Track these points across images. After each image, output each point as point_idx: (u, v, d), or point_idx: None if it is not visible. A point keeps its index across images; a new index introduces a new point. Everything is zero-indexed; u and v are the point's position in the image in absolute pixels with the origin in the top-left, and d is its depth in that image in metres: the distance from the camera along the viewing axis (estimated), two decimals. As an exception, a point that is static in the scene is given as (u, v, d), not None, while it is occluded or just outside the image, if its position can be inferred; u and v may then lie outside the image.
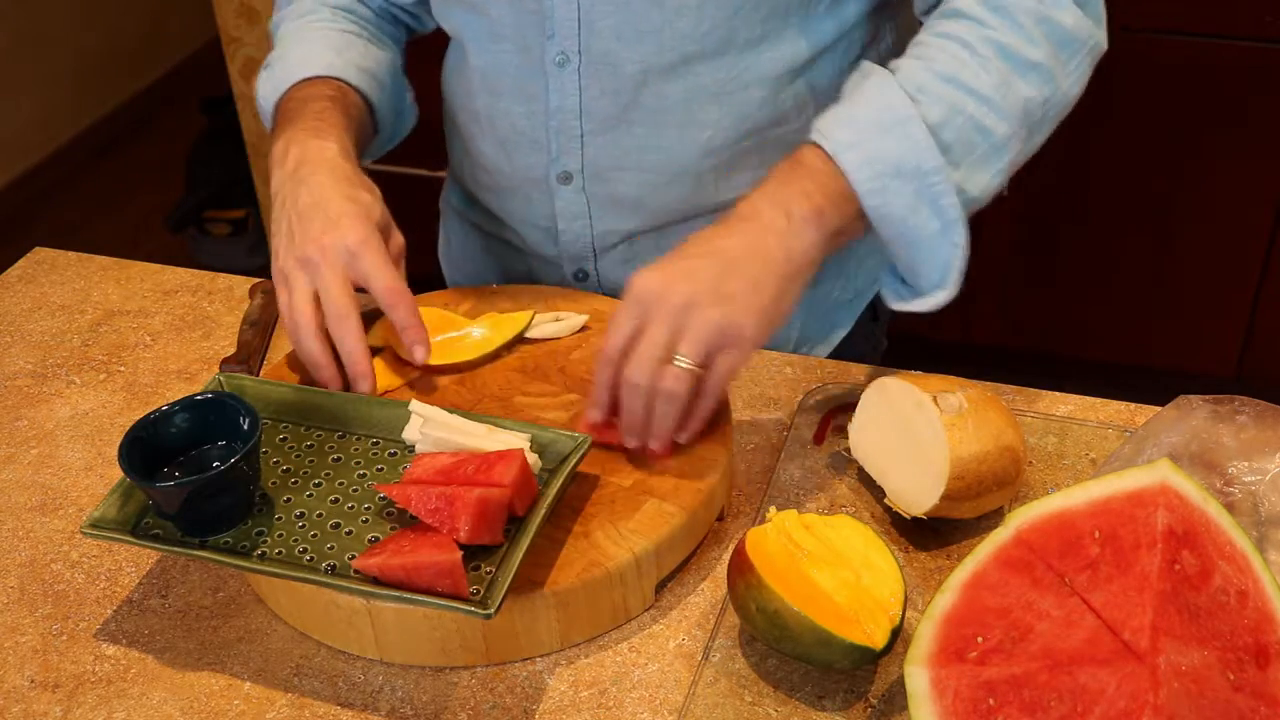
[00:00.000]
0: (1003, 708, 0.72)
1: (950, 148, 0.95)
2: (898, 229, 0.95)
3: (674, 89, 1.07)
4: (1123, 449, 0.90)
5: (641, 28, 1.04)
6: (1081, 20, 0.99)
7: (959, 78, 0.96)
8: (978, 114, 0.96)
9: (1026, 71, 0.97)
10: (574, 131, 1.11)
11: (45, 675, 0.88)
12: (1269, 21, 2.07)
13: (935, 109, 0.95)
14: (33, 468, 1.06)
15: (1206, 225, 2.28)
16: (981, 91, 0.96)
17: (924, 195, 0.94)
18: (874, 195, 0.94)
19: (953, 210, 0.95)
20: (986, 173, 0.97)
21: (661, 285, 0.90)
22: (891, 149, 0.93)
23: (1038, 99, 0.98)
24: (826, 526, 0.86)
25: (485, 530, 0.84)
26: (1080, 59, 1.00)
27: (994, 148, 0.97)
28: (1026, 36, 0.97)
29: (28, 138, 3.46)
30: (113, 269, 1.31)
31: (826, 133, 0.95)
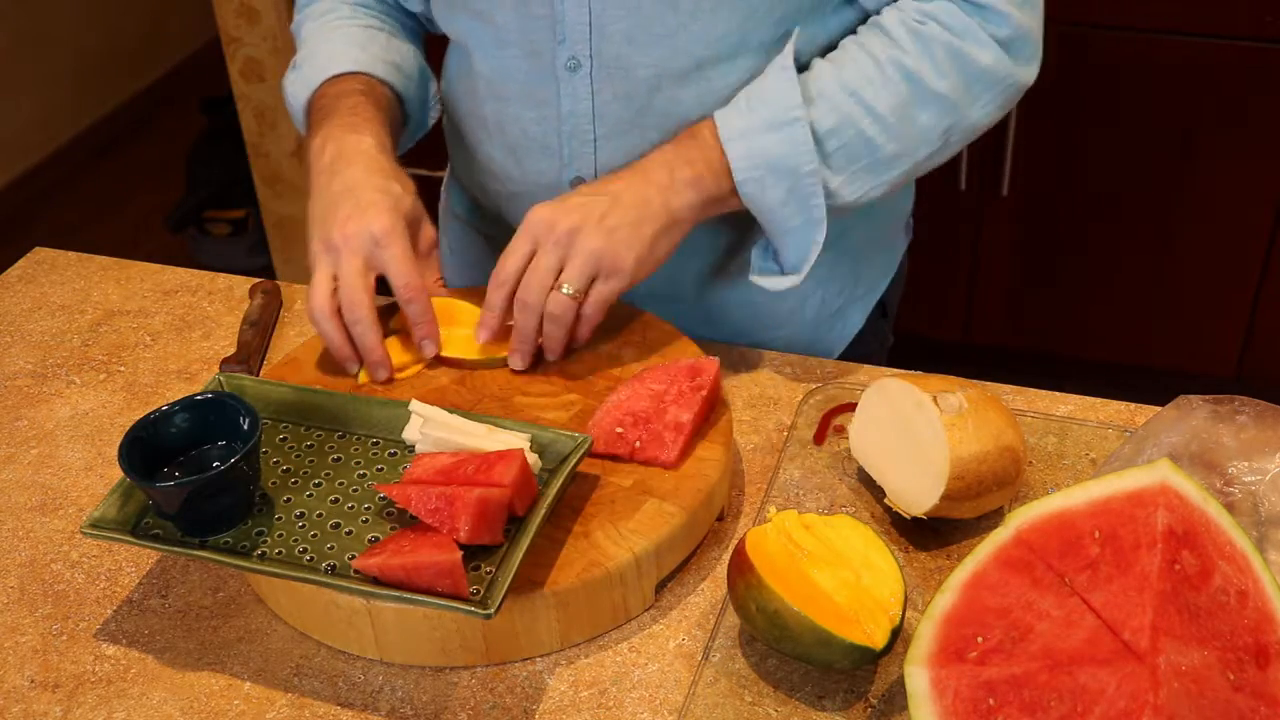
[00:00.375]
0: (1003, 708, 0.72)
1: (832, 155, 1.03)
2: (766, 215, 1.04)
3: (688, 94, 1.07)
4: (1123, 449, 0.90)
5: (655, 32, 1.04)
6: (1000, 60, 1.04)
7: (860, 93, 1.02)
8: (870, 130, 1.03)
9: (928, 100, 1.03)
10: (587, 136, 1.11)
11: (45, 675, 0.88)
12: (1269, 21, 2.07)
13: (829, 117, 1.02)
14: (33, 468, 1.06)
15: (1206, 225, 2.28)
16: (877, 110, 1.02)
17: (795, 193, 1.02)
18: (749, 184, 1.02)
19: (818, 211, 1.03)
20: (866, 184, 1.05)
21: (551, 216, 1.00)
22: (773, 147, 1.01)
23: (936, 127, 1.04)
24: (826, 526, 0.86)
25: (485, 530, 0.84)
26: (994, 94, 1.05)
27: (879, 162, 1.04)
28: (936, 68, 1.02)
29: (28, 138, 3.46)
30: (113, 269, 1.31)
31: (724, 115, 1.03)
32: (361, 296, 1.01)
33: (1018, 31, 1.03)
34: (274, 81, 2.63)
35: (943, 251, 2.44)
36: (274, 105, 2.66)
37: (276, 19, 2.57)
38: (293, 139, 2.69)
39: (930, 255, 2.44)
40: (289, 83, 1.19)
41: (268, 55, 2.61)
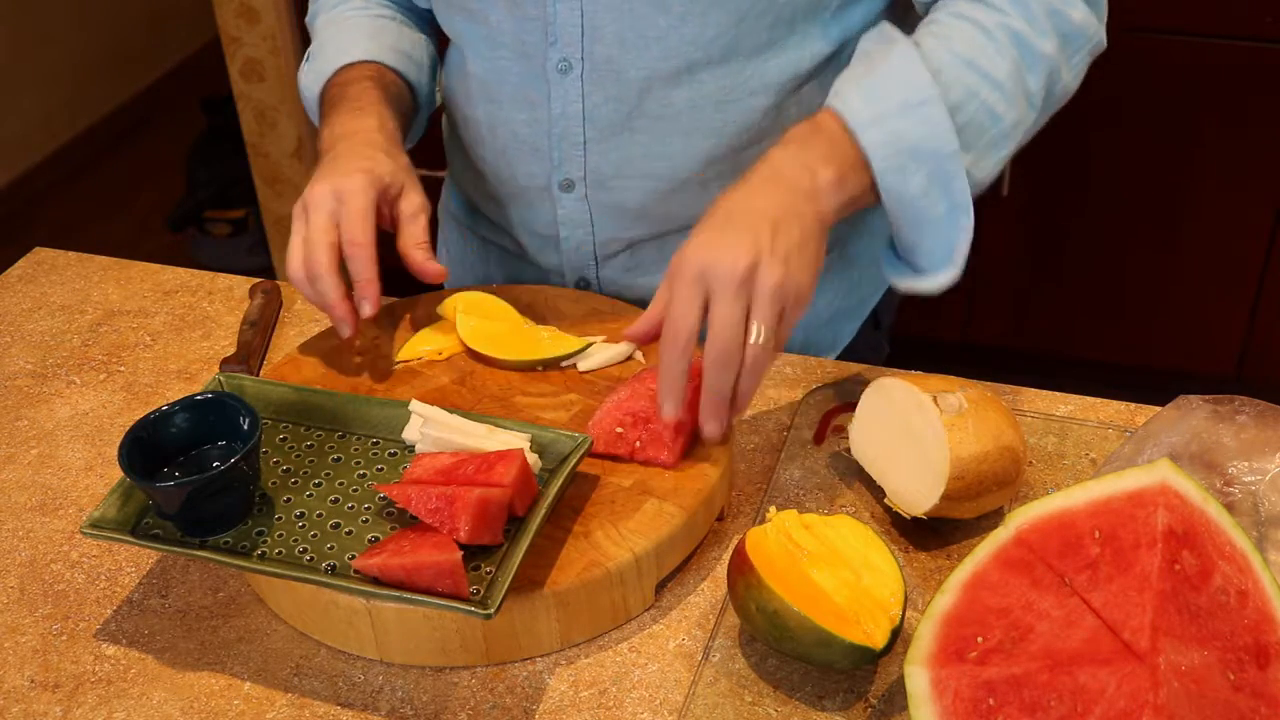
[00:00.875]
0: (1003, 708, 0.72)
1: (963, 131, 0.96)
2: (908, 208, 0.96)
3: (678, 96, 1.07)
4: (1123, 449, 0.90)
5: (646, 34, 1.04)
6: (1088, 16, 1.00)
7: (976, 62, 0.96)
8: (990, 99, 0.96)
9: (1035, 62, 0.98)
10: (577, 139, 1.10)
11: (45, 675, 0.88)
12: (1269, 21, 2.07)
13: (953, 91, 0.95)
14: (33, 468, 1.06)
15: (1206, 225, 2.28)
16: (996, 77, 0.96)
17: (937, 178, 0.95)
18: (890, 174, 0.94)
19: (962, 194, 0.96)
20: (992, 158, 0.98)
21: (718, 257, 0.87)
22: (911, 130, 0.94)
23: (1041, 91, 0.99)
24: (826, 526, 0.86)
25: (486, 530, 0.84)
26: (1082, 55, 1.01)
27: (1002, 134, 0.98)
28: (1039, 27, 0.98)
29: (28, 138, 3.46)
30: (113, 269, 1.31)
31: (848, 103, 0.95)
32: (318, 254, 0.99)
33: None
34: (274, 81, 2.63)
35: (943, 251, 2.44)
36: (274, 105, 2.66)
37: (276, 19, 2.57)
38: (293, 139, 2.69)
39: (930, 255, 2.44)
40: (303, 74, 1.20)
41: (268, 55, 2.61)
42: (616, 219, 1.15)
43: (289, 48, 2.60)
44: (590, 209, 1.14)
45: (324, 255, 0.99)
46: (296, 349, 1.09)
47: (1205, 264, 2.32)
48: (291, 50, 2.61)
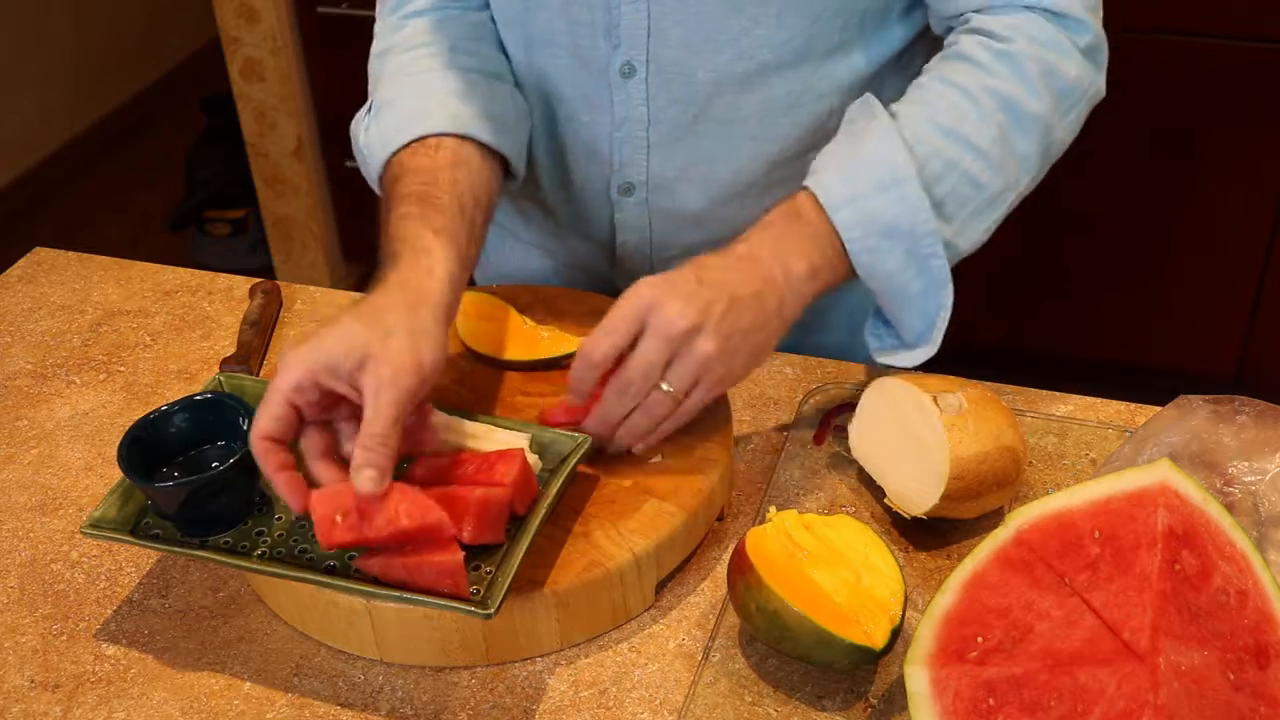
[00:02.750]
0: (1003, 708, 0.72)
1: (943, 203, 0.95)
2: (884, 284, 0.96)
3: (748, 100, 1.04)
4: (1123, 449, 0.90)
5: (717, 37, 1.01)
6: (1084, 70, 0.98)
7: (959, 130, 0.95)
8: (974, 169, 0.95)
9: (1027, 125, 0.97)
10: (640, 143, 1.08)
11: (45, 675, 0.88)
12: (1269, 21, 2.07)
13: (932, 163, 0.94)
14: (33, 468, 1.06)
15: (1206, 225, 2.28)
16: (980, 146, 0.95)
17: (914, 255, 0.94)
18: (865, 254, 0.94)
19: (941, 271, 0.95)
20: (979, 227, 0.98)
21: (667, 305, 0.88)
22: (885, 209, 0.93)
23: (1034, 153, 0.98)
24: (826, 526, 0.86)
25: (488, 530, 0.84)
26: (1079, 109, 1.00)
27: (987, 202, 0.97)
28: (1030, 88, 0.96)
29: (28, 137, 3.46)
30: (113, 269, 1.31)
31: (823, 183, 0.94)
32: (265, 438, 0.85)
33: (1096, 38, 0.99)
34: (274, 81, 2.63)
35: (943, 251, 2.44)
36: (274, 105, 2.66)
37: (276, 19, 2.57)
38: (293, 139, 2.69)
39: (930, 255, 2.44)
40: (364, 131, 1.05)
41: (268, 55, 2.61)
42: (676, 224, 1.12)
43: (289, 48, 2.60)
44: (650, 214, 1.12)
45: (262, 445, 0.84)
46: (296, 349, 1.09)
47: (1205, 264, 2.32)
48: (291, 50, 2.61)
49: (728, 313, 0.89)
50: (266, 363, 1.17)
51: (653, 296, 0.89)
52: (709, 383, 0.90)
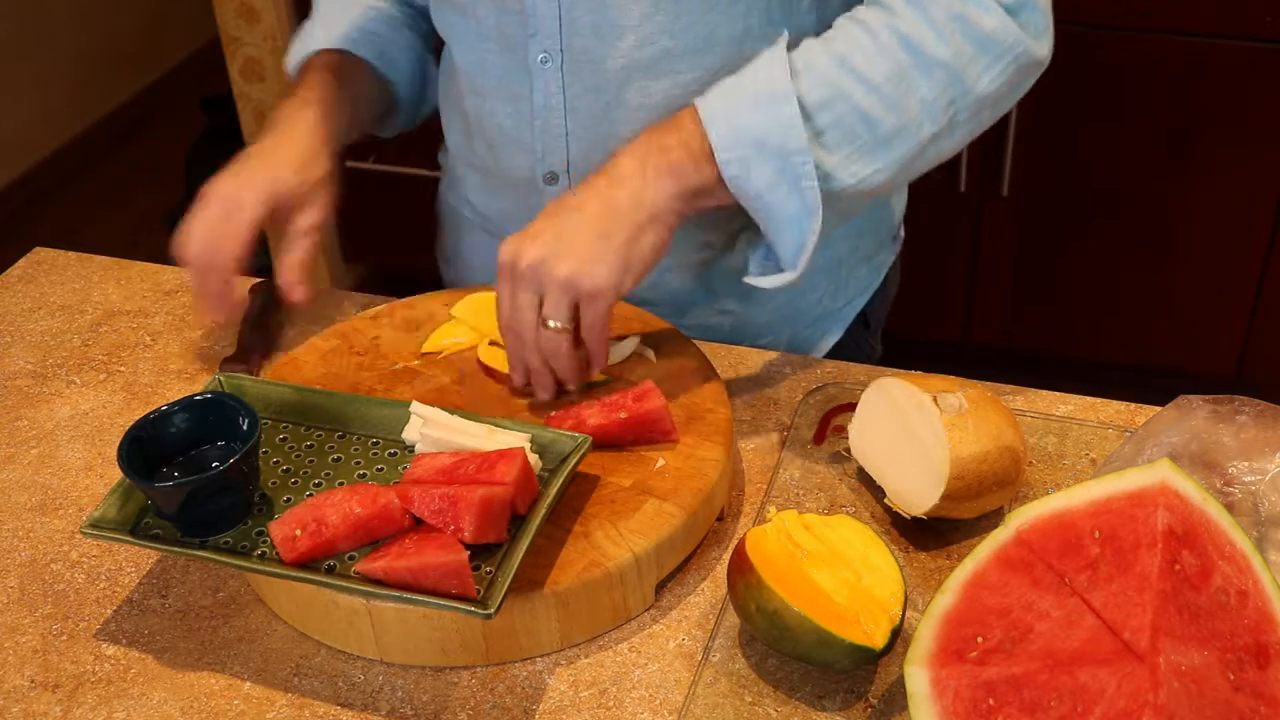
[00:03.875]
0: (1003, 708, 0.72)
1: (825, 132, 0.94)
2: (755, 203, 0.96)
3: (658, 87, 1.07)
4: (1123, 449, 0.90)
5: (621, 24, 1.04)
6: (1006, 25, 0.96)
7: (850, 61, 0.94)
8: (864, 103, 0.94)
9: (930, 68, 0.94)
10: (559, 131, 1.11)
11: (45, 675, 0.88)
12: (1269, 21, 2.07)
13: (817, 90, 0.94)
14: (33, 468, 1.06)
15: (1206, 225, 2.28)
16: (872, 79, 0.94)
17: (785, 174, 0.94)
18: (732, 165, 0.94)
19: (811, 195, 0.94)
20: (869, 164, 0.95)
21: (514, 252, 0.95)
22: (757, 123, 0.93)
23: (940, 99, 0.95)
24: (826, 526, 0.86)
25: (490, 529, 0.84)
26: (1002, 64, 0.96)
27: (878, 141, 0.95)
28: (937, 32, 0.94)
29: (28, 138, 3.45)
30: (113, 269, 1.31)
31: (706, 99, 0.96)
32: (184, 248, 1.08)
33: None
34: (274, 81, 2.63)
35: (943, 251, 2.44)
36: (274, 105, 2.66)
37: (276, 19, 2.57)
38: (293, 139, 2.69)
39: (930, 255, 2.44)
40: (294, 40, 1.24)
41: (268, 55, 2.61)
42: None
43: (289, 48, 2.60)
44: None
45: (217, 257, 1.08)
46: (297, 349, 1.09)
47: (1205, 264, 2.32)
48: (291, 50, 2.61)
49: (575, 228, 0.94)
50: (269, 362, 1.17)
51: (505, 250, 0.96)
52: (585, 300, 0.95)
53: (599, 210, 0.95)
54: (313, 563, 0.85)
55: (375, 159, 2.64)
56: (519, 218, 1.19)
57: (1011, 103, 1.01)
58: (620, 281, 0.95)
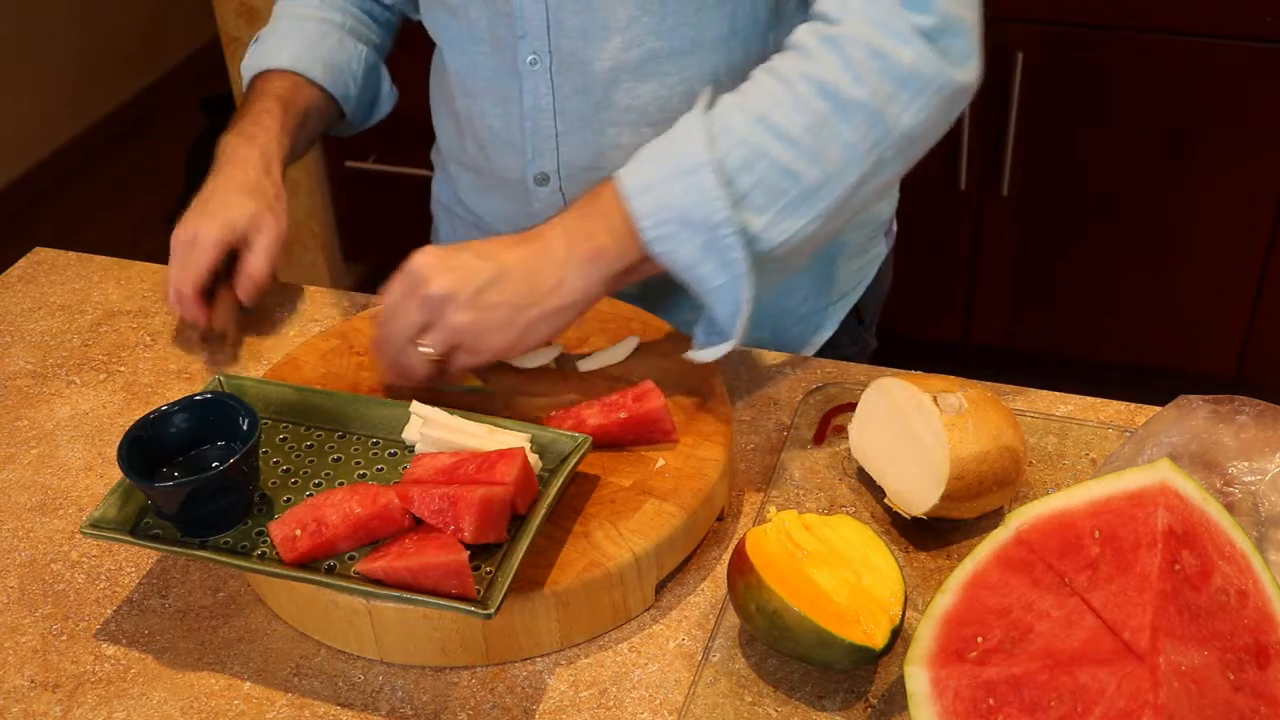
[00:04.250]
0: (1003, 708, 0.72)
1: (749, 194, 0.91)
2: (686, 274, 0.93)
3: (645, 88, 1.07)
4: (1123, 449, 0.90)
5: (608, 26, 1.04)
6: (924, 56, 0.91)
7: (769, 118, 0.91)
8: (784, 158, 0.91)
9: (849, 112, 0.91)
10: (548, 132, 1.11)
11: (45, 675, 0.88)
12: (1269, 21, 2.07)
13: (736, 153, 0.91)
14: (33, 468, 1.06)
15: (1206, 225, 2.28)
16: (791, 134, 0.91)
17: (712, 247, 0.91)
18: (660, 242, 0.92)
19: (740, 264, 0.91)
20: (797, 220, 0.92)
21: (431, 271, 0.93)
22: (679, 197, 0.90)
23: (862, 143, 0.92)
24: (826, 526, 0.86)
25: (490, 529, 0.84)
26: (924, 97, 0.92)
27: (804, 195, 0.92)
28: (853, 74, 0.91)
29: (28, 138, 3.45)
30: (113, 269, 1.31)
31: (629, 169, 0.93)
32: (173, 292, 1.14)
33: (945, 21, 0.91)
34: (274, 81, 2.63)
35: (943, 251, 2.44)
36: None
37: (276, 19, 2.56)
38: (293, 139, 2.68)
39: (930, 255, 2.44)
40: (251, 48, 1.26)
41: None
42: None
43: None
44: (566, 202, 1.15)
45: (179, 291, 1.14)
46: (296, 349, 1.09)
47: (1205, 264, 2.32)
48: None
49: (489, 286, 0.93)
50: (267, 362, 1.17)
51: (420, 261, 0.94)
52: (468, 349, 0.95)
53: (523, 276, 0.93)
54: (313, 563, 0.85)
55: (375, 159, 2.64)
56: (511, 217, 1.20)
57: (941, 133, 0.96)
58: (504, 353, 0.96)
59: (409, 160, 2.48)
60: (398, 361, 0.97)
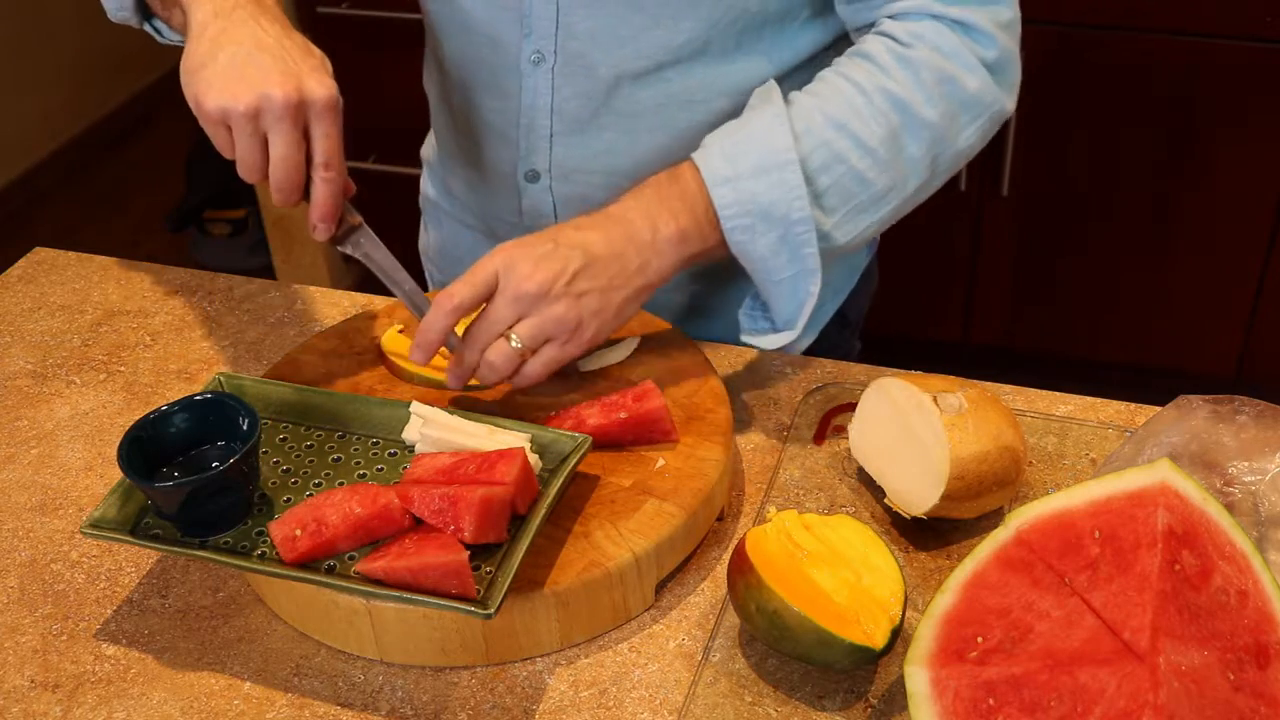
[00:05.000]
0: (1003, 708, 0.72)
1: (824, 195, 0.97)
2: (756, 265, 0.98)
3: (645, 95, 1.07)
4: (1123, 449, 0.90)
5: (619, 33, 1.04)
6: (988, 85, 0.99)
7: (849, 126, 0.97)
8: (860, 165, 0.97)
9: (918, 129, 0.98)
10: (544, 131, 1.11)
11: (45, 675, 0.88)
12: (1269, 21, 2.07)
13: (817, 155, 0.96)
14: (33, 468, 1.06)
15: (1206, 225, 2.28)
16: (868, 143, 0.97)
17: (787, 241, 0.96)
18: (739, 232, 0.96)
19: (812, 260, 0.97)
20: (860, 224, 0.99)
21: (519, 266, 0.93)
22: (764, 192, 0.95)
23: (925, 157, 0.99)
24: (826, 526, 0.86)
25: (490, 529, 0.84)
26: (980, 122, 1.01)
27: (872, 200, 0.98)
28: (925, 94, 0.97)
29: (28, 138, 3.46)
30: (113, 269, 1.31)
31: (708, 159, 0.97)
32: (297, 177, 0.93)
33: (1003, 55, 1.00)
34: (274, 81, 2.63)
35: (943, 251, 2.44)
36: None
37: (276, 19, 2.56)
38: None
39: (930, 255, 2.44)
40: None
41: None
42: (579, 212, 1.14)
43: None
44: (555, 201, 1.15)
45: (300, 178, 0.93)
46: (296, 349, 1.09)
47: (1205, 264, 2.32)
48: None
49: (581, 273, 0.94)
50: (266, 363, 1.17)
51: (507, 257, 0.94)
52: (561, 341, 0.95)
53: (609, 263, 0.95)
54: (313, 563, 0.85)
55: (375, 159, 2.64)
56: (499, 213, 1.20)
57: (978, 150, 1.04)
58: (598, 338, 0.97)
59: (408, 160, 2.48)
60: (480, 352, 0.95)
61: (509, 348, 0.94)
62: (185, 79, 0.94)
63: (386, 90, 2.19)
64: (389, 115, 2.24)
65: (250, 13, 0.94)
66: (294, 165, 0.92)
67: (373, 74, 2.53)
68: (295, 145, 0.92)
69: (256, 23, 0.93)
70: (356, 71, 2.61)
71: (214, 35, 0.93)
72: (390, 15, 2.47)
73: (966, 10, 0.98)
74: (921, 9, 0.99)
